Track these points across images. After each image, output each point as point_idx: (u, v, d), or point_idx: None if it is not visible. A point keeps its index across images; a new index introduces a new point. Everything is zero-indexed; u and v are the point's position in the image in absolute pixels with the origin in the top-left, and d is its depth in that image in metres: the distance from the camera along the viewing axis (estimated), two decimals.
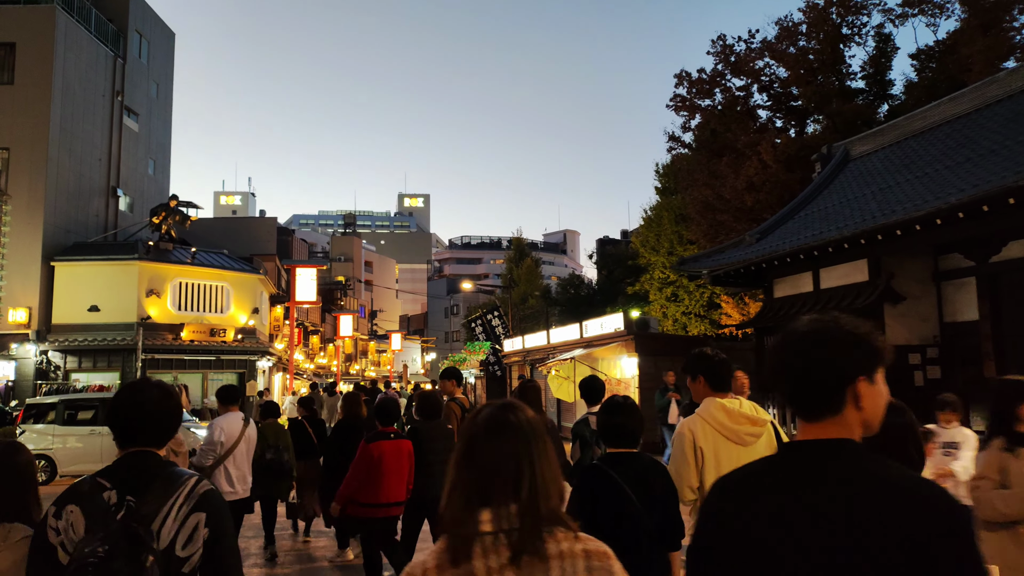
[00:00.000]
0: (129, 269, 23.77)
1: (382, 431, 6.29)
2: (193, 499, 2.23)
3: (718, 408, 3.62)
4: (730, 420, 3.59)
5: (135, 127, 29.21)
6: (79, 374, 23.23)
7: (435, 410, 6.78)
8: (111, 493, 2.21)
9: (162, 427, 2.39)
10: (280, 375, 33.88)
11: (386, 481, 6.11)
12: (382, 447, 6.10)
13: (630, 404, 3.53)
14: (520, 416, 1.78)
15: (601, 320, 20.84)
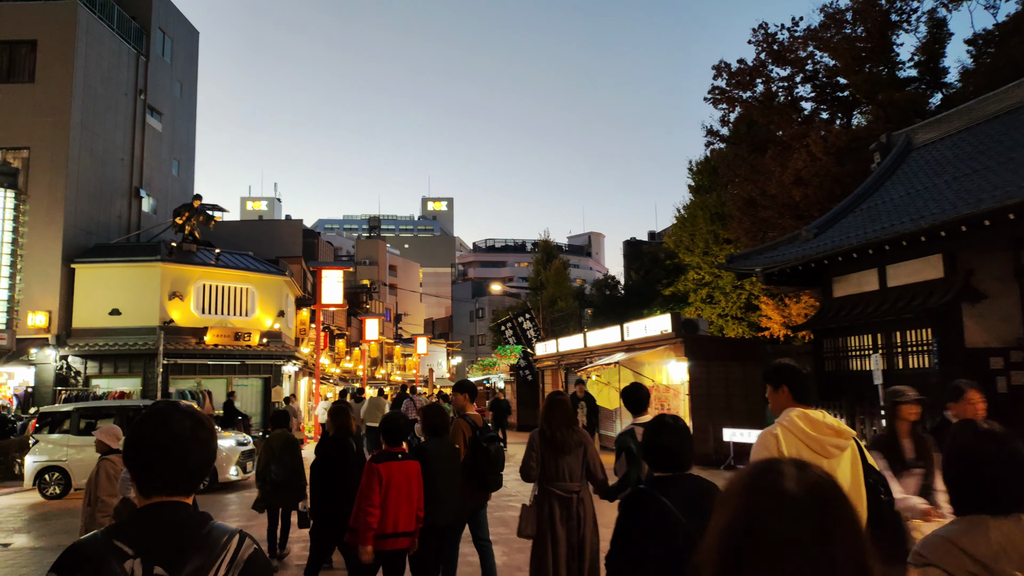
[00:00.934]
0: (151, 271, 23.00)
1: (389, 451, 5.54)
2: (238, 567, 1.78)
3: (800, 416, 3.45)
4: (813, 429, 3.42)
5: (158, 127, 28.50)
6: (100, 380, 22.47)
7: (442, 426, 6.12)
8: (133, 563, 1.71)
9: (198, 469, 1.90)
10: (306, 380, 33.05)
11: (393, 508, 5.34)
12: (391, 469, 5.36)
13: (680, 424, 3.34)
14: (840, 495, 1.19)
15: (645, 322, 19.73)
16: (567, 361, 26.79)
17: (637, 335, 20.11)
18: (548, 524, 5.39)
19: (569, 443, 5.47)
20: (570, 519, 5.38)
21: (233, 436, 15.86)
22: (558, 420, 5.56)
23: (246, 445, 15.79)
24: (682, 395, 17.57)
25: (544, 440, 5.56)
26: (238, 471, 15.16)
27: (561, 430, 5.50)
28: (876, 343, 15.89)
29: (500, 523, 10.61)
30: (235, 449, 15.27)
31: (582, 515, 5.42)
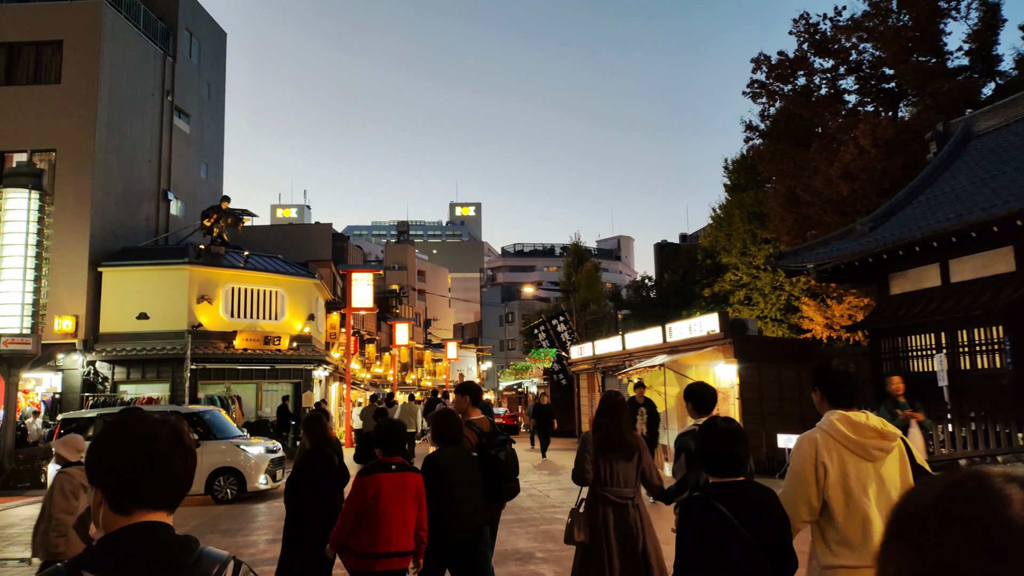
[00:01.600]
0: (179, 274, 22.53)
1: (382, 461, 4.96)
2: None
3: (841, 419, 3.34)
4: (855, 432, 3.30)
5: (186, 128, 28.12)
6: (127, 386, 22.04)
7: (455, 433, 5.53)
8: None
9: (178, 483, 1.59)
10: (337, 385, 32.52)
11: (385, 525, 4.81)
12: (379, 482, 4.81)
13: (735, 427, 3.24)
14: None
15: (689, 322, 18.87)
16: (604, 364, 25.96)
17: (681, 336, 19.26)
18: (602, 531, 5.10)
19: (626, 446, 5.21)
20: (625, 527, 5.10)
21: (262, 443, 15.23)
22: (615, 421, 5.28)
23: (276, 452, 15.16)
24: (732, 399, 16.70)
25: (599, 442, 5.26)
26: (267, 480, 14.52)
27: (618, 431, 5.24)
28: (939, 342, 14.96)
29: (547, 537, 9.84)
30: (264, 456, 14.64)
31: (638, 523, 5.15)
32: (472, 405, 6.24)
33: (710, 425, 3.25)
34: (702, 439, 3.23)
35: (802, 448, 3.36)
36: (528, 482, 15.23)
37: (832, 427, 3.33)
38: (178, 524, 1.55)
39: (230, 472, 14.18)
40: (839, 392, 3.47)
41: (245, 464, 14.27)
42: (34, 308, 17.84)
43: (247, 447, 14.55)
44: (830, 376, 3.51)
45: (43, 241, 18.12)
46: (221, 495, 14.09)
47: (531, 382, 39.88)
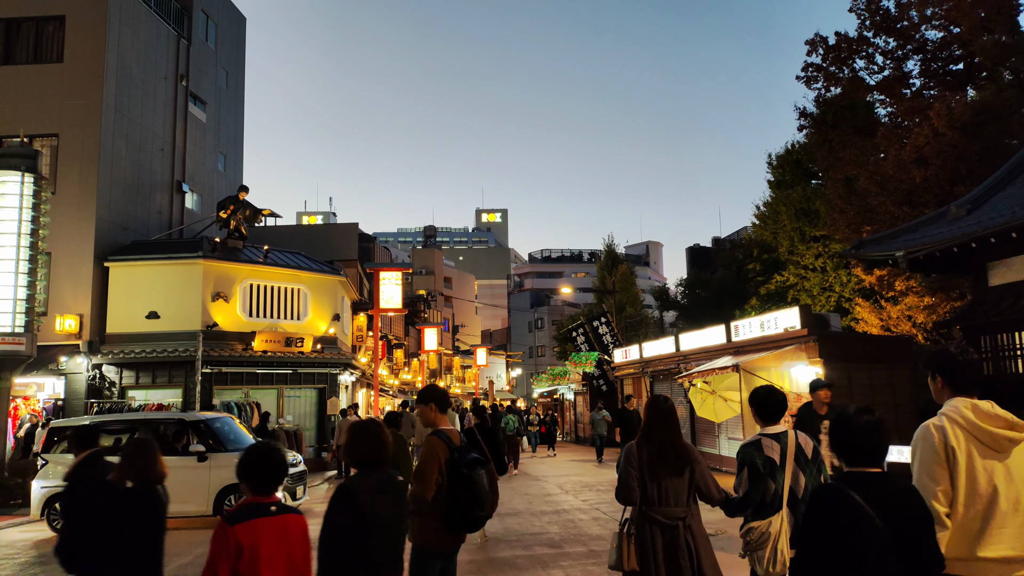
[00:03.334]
0: (192, 270, 20.60)
1: (254, 502, 3.50)
2: None
3: (969, 407, 3.21)
4: (983, 421, 3.16)
5: (202, 116, 26.29)
6: (136, 391, 20.14)
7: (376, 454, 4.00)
8: None
9: None
10: (364, 391, 30.50)
11: None
12: (257, 531, 3.37)
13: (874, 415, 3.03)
14: None
15: (761, 319, 16.62)
16: (654, 368, 23.73)
17: (750, 334, 17.01)
18: (650, 557, 4.51)
19: (677, 458, 4.61)
20: (676, 552, 4.48)
21: None
22: (665, 429, 4.69)
23: (296, 466, 13.09)
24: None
25: (646, 454, 4.67)
26: (286, 497, 12.44)
27: (669, 442, 4.64)
28: None
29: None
30: None
31: (691, 546, 4.52)
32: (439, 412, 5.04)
33: (843, 417, 3.06)
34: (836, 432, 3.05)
35: (927, 435, 3.25)
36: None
37: (959, 413, 3.23)
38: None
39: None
40: (964, 378, 3.37)
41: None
42: (28, 304, 15.95)
43: None
44: (953, 362, 3.40)
45: (39, 230, 16.24)
46: None
47: (568, 388, 37.69)
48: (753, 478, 4.47)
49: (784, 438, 4.57)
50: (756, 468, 4.46)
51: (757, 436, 4.63)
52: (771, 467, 4.45)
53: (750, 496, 4.47)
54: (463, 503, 4.66)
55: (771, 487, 4.43)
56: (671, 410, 4.83)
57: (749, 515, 4.54)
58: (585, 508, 12.24)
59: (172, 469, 11.43)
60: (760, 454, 4.50)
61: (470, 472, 4.73)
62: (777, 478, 4.45)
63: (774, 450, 4.50)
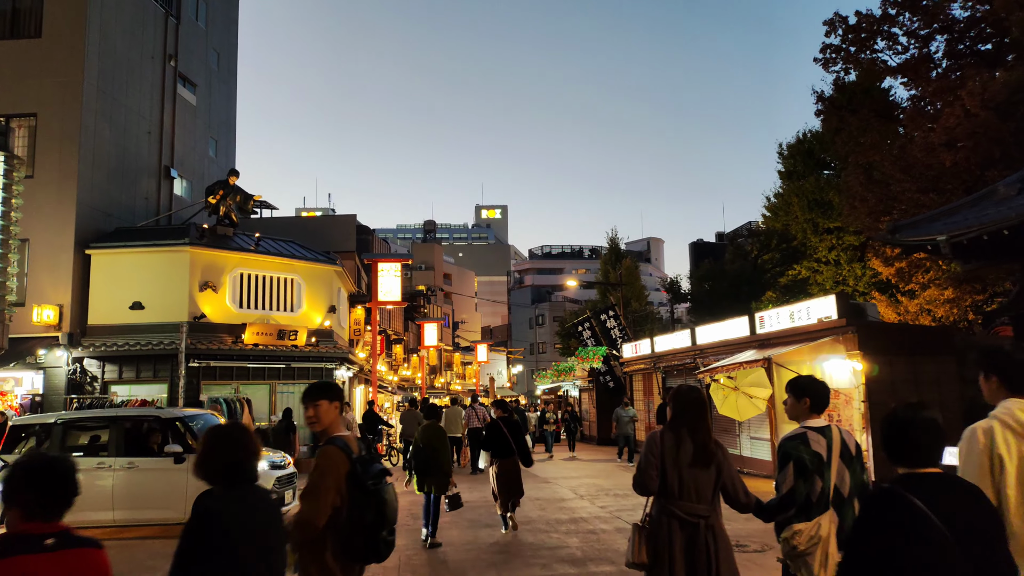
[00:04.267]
0: (179, 257, 19.42)
1: (23, 532, 2.53)
2: None
3: (1021, 408, 3.09)
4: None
5: (192, 99, 25.08)
6: (119, 386, 18.96)
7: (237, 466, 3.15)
8: None
9: None
10: (362, 388, 29.32)
11: None
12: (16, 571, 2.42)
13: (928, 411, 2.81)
14: None
15: (791, 309, 15.44)
16: (667, 363, 22.57)
17: (778, 326, 15.84)
18: (665, 554, 4.18)
19: (704, 451, 4.24)
20: (695, 552, 4.14)
21: (267, 456, 11.98)
22: (692, 419, 4.34)
23: (283, 468, 11.91)
24: (856, 402, 13.24)
25: (670, 444, 4.31)
26: None
27: (695, 433, 4.29)
28: None
29: None
30: (267, 475, 11.40)
31: (711, 548, 4.14)
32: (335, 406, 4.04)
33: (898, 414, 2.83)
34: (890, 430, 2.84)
35: (975, 439, 3.14)
36: None
37: (1012, 416, 3.12)
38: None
39: None
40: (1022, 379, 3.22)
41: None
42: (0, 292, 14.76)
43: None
44: (1010, 361, 3.28)
45: (11, 212, 15.03)
46: None
47: (572, 385, 36.54)
48: (800, 475, 4.10)
49: (829, 432, 4.20)
50: (803, 464, 4.09)
51: (801, 429, 4.24)
52: (819, 463, 4.09)
53: (795, 494, 4.10)
54: (368, 526, 3.76)
55: (818, 485, 4.08)
56: (699, 400, 4.50)
57: (792, 516, 4.11)
58: (605, 516, 11.07)
59: (146, 472, 10.23)
60: (807, 448, 4.12)
61: (376, 486, 3.81)
62: (824, 475, 4.08)
63: (820, 445, 4.13)
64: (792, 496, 4.10)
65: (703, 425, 4.38)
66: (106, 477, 10.89)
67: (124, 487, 10.87)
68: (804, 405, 4.32)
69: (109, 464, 10.96)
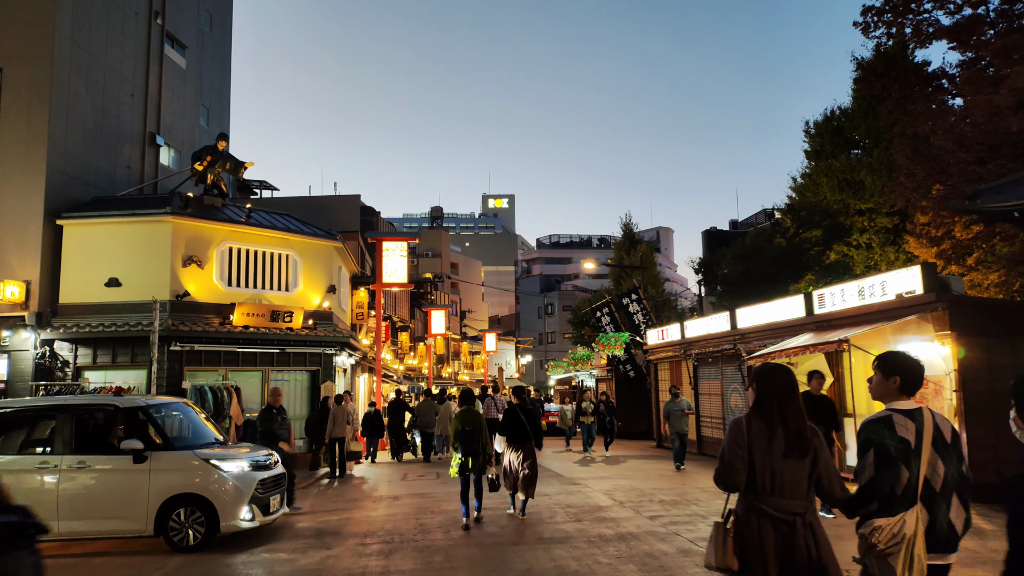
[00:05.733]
0: (159, 229, 17.41)
1: None
2: None
3: None
4: None
5: (181, 62, 23.04)
6: (93, 372, 17.00)
7: None
8: None
9: None
10: (365, 377, 27.34)
11: None
12: None
13: None
14: None
15: (859, 284, 13.34)
16: (699, 349, 20.51)
17: (842, 304, 13.75)
18: (758, 557, 3.61)
19: (798, 440, 3.71)
20: (793, 553, 3.58)
21: (248, 453, 9.96)
22: (785, 404, 3.79)
23: (269, 468, 9.90)
24: (946, 391, 11.17)
25: (759, 432, 3.76)
26: (254, 513, 9.27)
27: (788, 419, 3.76)
28: None
29: None
30: (248, 477, 9.38)
31: (811, 549, 3.60)
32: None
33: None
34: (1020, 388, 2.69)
35: None
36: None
37: None
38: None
39: (194, 501, 8.98)
40: None
41: (217, 488, 9.05)
42: None
43: (222, 461, 9.30)
44: None
45: None
46: (180, 537, 8.91)
47: (589, 374, 34.53)
48: (882, 463, 3.58)
49: (920, 416, 3.64)
50: (886, 451, 3.58)
51: (886, 411, 3.72)
52: (905, 450, 3.55)
53: (877, 485, 3.58)
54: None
55: (904, 475, 3.54)
56: (791, 380, 3.88)
57: (874, 510, 3.56)
58: (661, 532, 8.97)
59: (100, 473, 8.16)
60: (892, 433, 3.60)
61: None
62: (911, 465, 3.54)
63: (908, 430, 3.59)
64: (872, 488, 3.60)
65: (796, 409, 3.80)
66: (49, 480, 8.92)
67: (72, 492, 8.92)
68: (893, 384, 3.79)
69: (54, 464, 9.00)
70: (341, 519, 10.88)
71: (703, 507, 10.68)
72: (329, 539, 9.39)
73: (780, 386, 3.84)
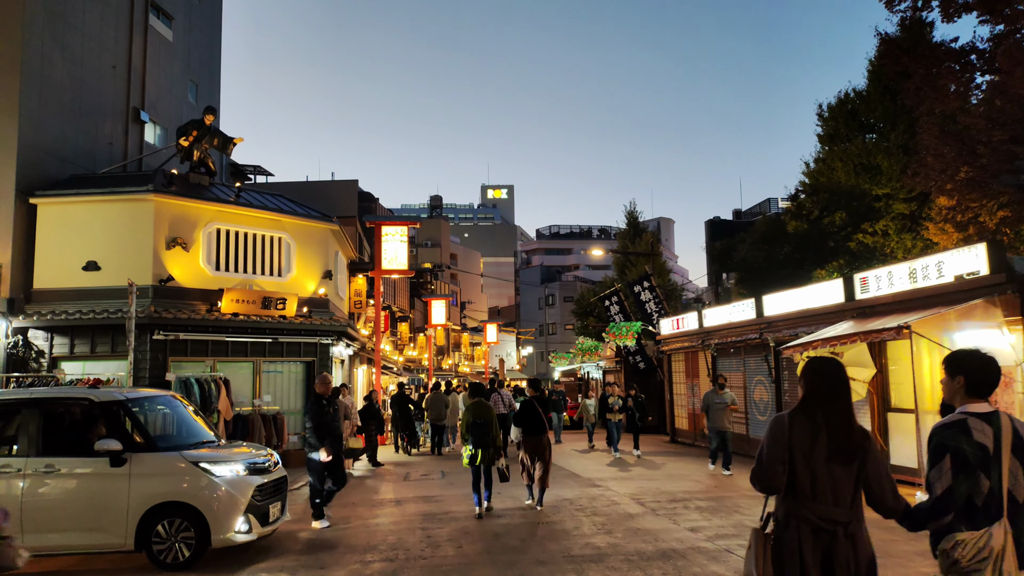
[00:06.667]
0: (141, 208, 16.11)
1: None
2: None
3: None
4: None
5: (167, 33, 21.69)
6: (70, 362, 15.72)
7: None
8: None
9: None
10: (364, 368, 26.11)
11: None
12: None
13: None
14: None
15: (911, 265, 12.08)
16: (719, 339, 19.28)
17: (890, 288, 12.50)
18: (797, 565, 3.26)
19: (845, 441, 3.35)
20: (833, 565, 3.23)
21: (244, 454, 8.68)
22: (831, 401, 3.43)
23: (267, 471, 8.61)
24: (1018, 384, 9.93)
25: (802, 432, 3.38)
26: (250, 524, 8.01)
27: (835, 419, 3.38)
28: None
29: None
30: (243, 482, 8.10)
31: (853, 563, 3.24)
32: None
33: None
34: None
35: None
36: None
37: None
38: None
39: (181, 511, 7.71)
40: None
41: (208, 496, 7.78)
42: None
43: (213, 464, 8.02)
44: None
45: None
46: (165, 553, 7.64)
47: (595, 366, 33.31)
48: (960, 471, 3.20)
49: (997, 420, 3.25)
50: (963, 457, 3.20)
51: (960, 414, 3.32)
52: (984, 457, 3.17)
53: (953, 495, 3.20)
54: None
55: (984, 485, 3.16)
56: (840, 377, 3.49)
57: (951, 523, 3.18)
58: (708, 548, 7.70)
59: (71, 478, 6.95)
60: (968, 439, 3.22)
61: None
62: (991, 473, 3.16)
63: (986, 435, 3.21)
64: (950, 497, 3.19)
65: (845, 408, 3.43)
66: (13, 485, 7.66)
67: (38, 500, 7.66)
68: (958, 385, 3.38)
69: (17, 468, 7.73)
70: (337, 528, 9.64)
71: (747, 515, 9.44)
72: (324, 555, 8.15)
73: (828, 383, 3.46)
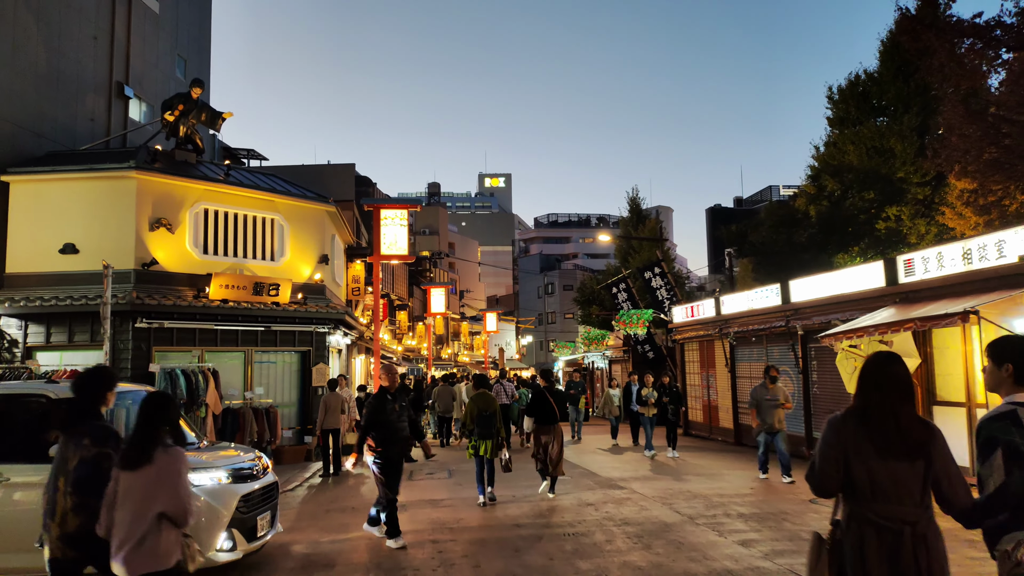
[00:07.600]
0: (122, 186, 14.96)
1: None
2: None
3: None
4: None
5: (154, 5, 20.50)
6: (46, 352, 14.59)
7: None
8: None
9: None
10: (362, 358, 25.01)
11: None
12: None
13: None
14: None
15: (965, 245, 10.96)
16: (739, 327, 18.20)
17: (939, 272, 11.40)
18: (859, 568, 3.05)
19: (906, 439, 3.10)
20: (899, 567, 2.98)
21: (229, 458, 7.58)
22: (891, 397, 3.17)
23: (255, 476, 7.50)
24: None
25: (855, 428, 3.17)
26: (233, 540, 6.89)
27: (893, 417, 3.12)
28: None
29: None
30: (226, 492, 6.99)
31: (922, 564, 2.98)
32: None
33: None
34: None
35: None
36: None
37: None
38: None
39: None
40: None
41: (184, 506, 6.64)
42: None
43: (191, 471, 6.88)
44: None
45: None
46: None
47: (600, 356, 32.24)
48: (1015, 464, 2.98)
49: None
50: (1016, 450, 3.00)
51: (1008, 405, 3.14)
52: None
53: (1008, 491, 3.00)
54: None
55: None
56: (900, 372, 3.22)
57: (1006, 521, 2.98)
58: (770, 570, 6.49)
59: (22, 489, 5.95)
60: (1020, 430, 3.03)
61: None
62: None
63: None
64: (1004, 493, 3.00)
65: (906, 405, 3.17)
66: None
67: (12, 515, 6.52)
68: (1006, 373, 3.19)
69: None
70: (335, 541, 8.54)
71: (798, 523, 8.35)
72: (320, 575, 7.06)
73: (888, 378, 3.20)
